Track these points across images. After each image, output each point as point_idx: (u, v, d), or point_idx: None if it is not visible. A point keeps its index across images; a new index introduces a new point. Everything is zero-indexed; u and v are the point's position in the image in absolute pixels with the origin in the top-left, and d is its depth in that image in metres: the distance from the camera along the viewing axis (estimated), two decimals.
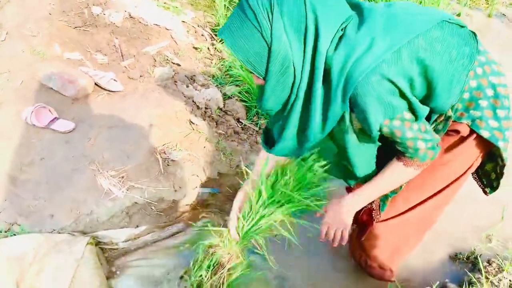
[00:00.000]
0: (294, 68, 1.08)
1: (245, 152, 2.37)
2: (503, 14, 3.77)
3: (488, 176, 1.45)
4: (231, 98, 2.60)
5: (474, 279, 1.82)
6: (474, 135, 1.26)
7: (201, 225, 2.08)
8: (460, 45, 1.12)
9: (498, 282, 1.80)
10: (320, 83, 1.09)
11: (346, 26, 1.08)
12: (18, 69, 2.35)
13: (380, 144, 1.27)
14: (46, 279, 1.57)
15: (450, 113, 1.22)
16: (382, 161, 1.33)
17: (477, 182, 1.53)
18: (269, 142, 1.44)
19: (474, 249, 2.06)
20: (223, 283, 1.50)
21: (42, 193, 1.83)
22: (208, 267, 1.48)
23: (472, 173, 1.48)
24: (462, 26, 1.15)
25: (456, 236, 2.16)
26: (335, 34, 1.07)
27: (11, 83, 2.28)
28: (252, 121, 2.59)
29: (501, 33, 3.59)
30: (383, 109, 1.07)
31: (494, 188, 1.45)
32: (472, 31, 1.16)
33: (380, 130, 1.14)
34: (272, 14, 1.01)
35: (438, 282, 1.84)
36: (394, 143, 1.21)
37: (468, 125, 1.23)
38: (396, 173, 1.29)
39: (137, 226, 1.95)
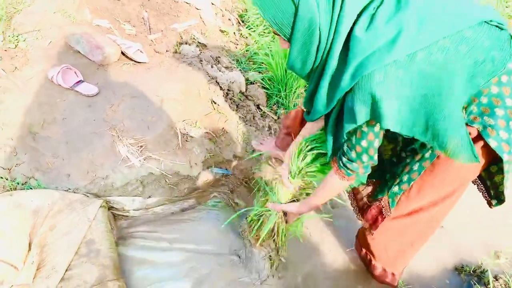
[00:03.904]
0: (320, 31, 1.04)
1: (262, 139, 2.37)
2: None
3: (496, 188, 1.40)
4: (253, 83, 2.60)
5: None
6: (482, 142, 1.21)
7: (211, 204, 2.09)
8: (492, 49, 1.08)
9: None
10: (338, 51, 1.07)
11: (377, 8, 1.05)
12: (48, 29, 2.36)
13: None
14: (58, 235, 1.58)
15: (464, 115, 1.19)
16: None
17: (482, 194, 1.48)
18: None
19: (481, 263, 2.05)
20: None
21: (61, 152, 1.84)
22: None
23: (478, 184, 1.46)
24: (502, 29, 1.10)
25: (464, 248, 2.15)
26: (365, 8, 1.04)
27: (40, 42, 2.29)
28: (271, 109, 2.59)
29: None
30: (370, 109, 1.07)
31: (500, 201, 1.41)
32: (510, 35, 1.11)
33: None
34: None
35: None
36: (347, 141, 1.23)
37: (478, 130, 1.20)
38: (329, 180, 1.39)
39: (150, 197, 1.96)
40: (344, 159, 1.27)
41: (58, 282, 1.48)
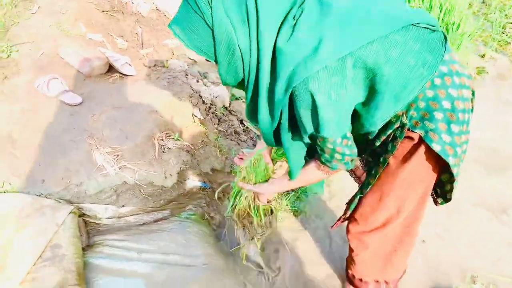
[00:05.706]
0: (241, 50, 1.06)
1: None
2: None
3: (442, 186, 1.39)
4: (238, 99, 2.64)
5: None
6: (424, 147, 1.22)
7: (184, 216, 2.11)
8: (423, 52, 1.05)
9: None
10: (267, 66, 1.07)
11: (299, 18, 1.05)
12: (42, 41, 2.47)
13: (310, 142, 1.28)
14: (24, 237, 1.62)
15: (405, 120, 1.19)
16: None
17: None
18: None
19: None
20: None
21: (38, 158, 1.90)
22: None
23: None
24: (434, 30, 1.06)
25: (439, 272, 2.11)
26: (284, 21, 1.04)
27: (32, 53, 2.39)
28: (255, 124, 2.61)
29: None
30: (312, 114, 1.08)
31: (446, 200, 1.41)
32: (444, 36, 1.07)
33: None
34: None
35: None
36: (315, 144, 1.23)
37: (421, 136, 1.19)
38: (308, 172, 1.38)
39: (123, 206, 1.99)
40: (323, 159, 1.27)
41: (19, 284, 1.51)
